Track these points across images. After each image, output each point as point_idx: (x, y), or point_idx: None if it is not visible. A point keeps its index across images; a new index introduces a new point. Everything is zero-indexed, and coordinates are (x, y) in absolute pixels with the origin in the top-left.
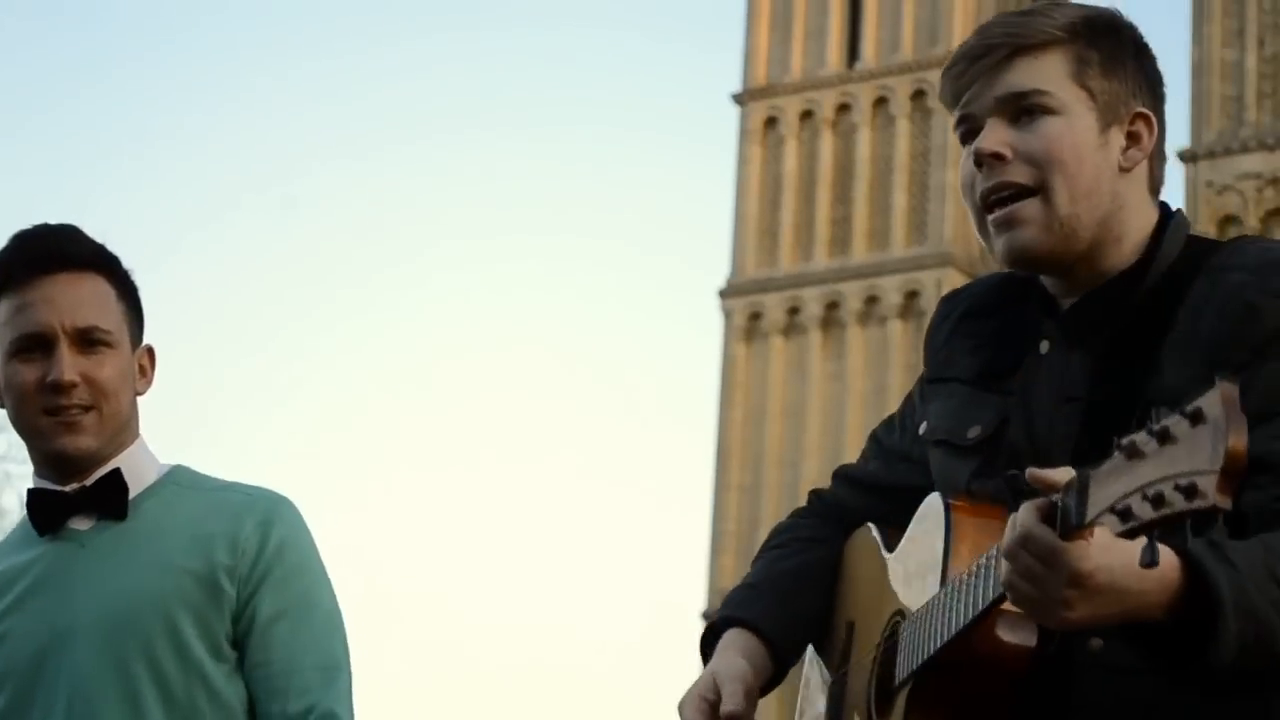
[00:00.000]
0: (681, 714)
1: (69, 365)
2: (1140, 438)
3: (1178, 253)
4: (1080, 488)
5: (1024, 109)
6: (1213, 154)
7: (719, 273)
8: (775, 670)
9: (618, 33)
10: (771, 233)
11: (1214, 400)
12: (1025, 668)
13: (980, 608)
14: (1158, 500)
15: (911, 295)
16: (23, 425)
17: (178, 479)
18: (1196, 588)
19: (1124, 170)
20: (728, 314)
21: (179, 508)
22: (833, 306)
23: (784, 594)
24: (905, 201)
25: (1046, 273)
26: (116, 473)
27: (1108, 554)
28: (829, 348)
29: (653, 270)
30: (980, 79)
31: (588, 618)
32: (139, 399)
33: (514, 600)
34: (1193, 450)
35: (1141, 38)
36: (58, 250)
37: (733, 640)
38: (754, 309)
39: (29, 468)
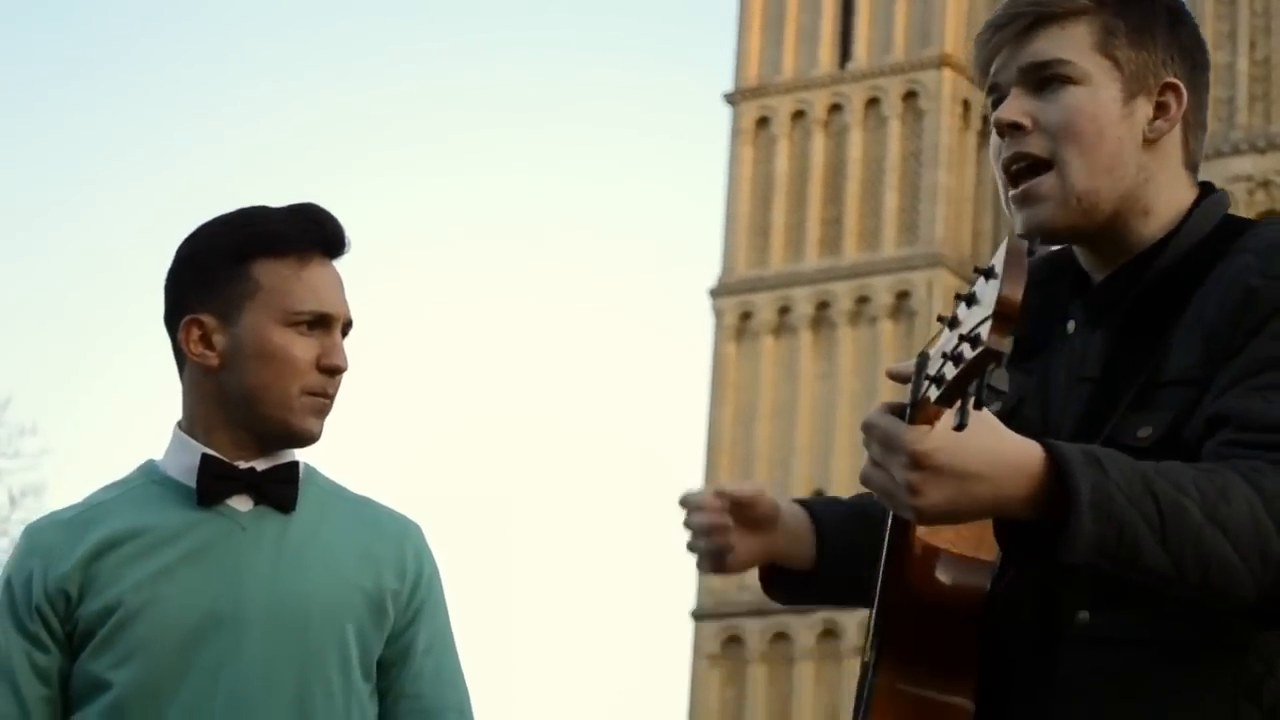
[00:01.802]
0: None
1: (344, 354)
2: (959, 306)
3: (1208, 231)
4: (918, 368)
5: (1046, 79)
6: (1204, 156)
7: (710, 272)
8: (811, 566)
9: (610, 33)
10: (762, 232)
11: (1000, 253)
12: (980, 612)
13: (886, 534)
14: (958, 358)
15: (902, 295)
16: (271, 394)
17: (314, 479)
18: (1056, 482)
19: (1149, 142)
20: (718, 313)
21: (333, 515)
22: (823, 306)
23: (854, 516)
24: (896, 202)
25: (1070, 243)
26: (295, 466)
27: (953, 437)
28: (819, 347)
29: (644, 269)
30: (1006, 48)
31: (579, 618)
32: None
33: (508, 598)
34: (983, 304)
35: (1179, 5)
36: (342, 240)
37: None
38: (745, 308)
39: (18, 462)
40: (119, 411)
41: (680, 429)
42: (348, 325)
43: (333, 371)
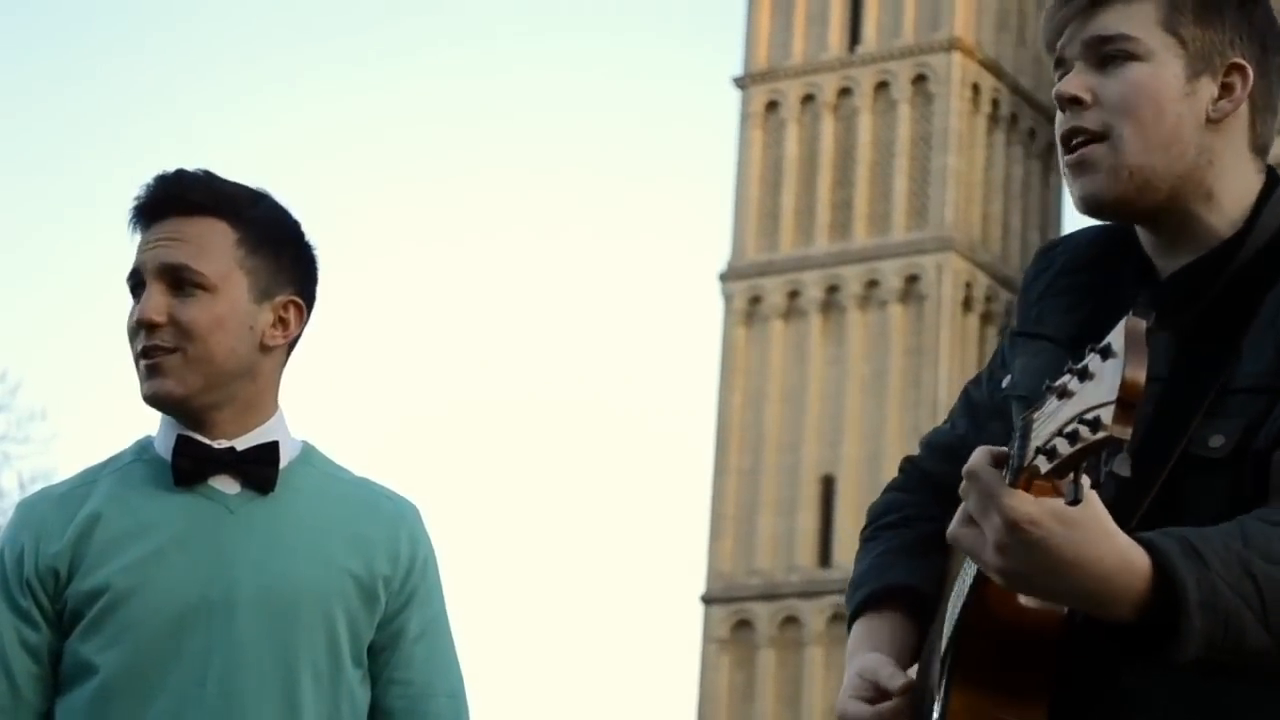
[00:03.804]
0: (844, 717)
1: (153, 305)
2: (1068, 378)
3: (1277, 226)
4: (1024, 431)
5: (1110, 54)
6: None
7: (719, 256)
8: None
9: (619, 16)
10: (772, 216)
11: (1119, 333)
12: (1058, 634)
13: (972, 575)
14: (1073, 436)
15: (912, 279)
16: (135, 368)
17: (312, 460)
18: (1162, 585)
19: (1213, 122)
20: (728, 297)
21: (326, 496)
22: (833, 290)
23: (920, 555)
24: (906, 186)
25: (1124, 221)
26: (274, 446)
27: (1055, 519)
28: (829, 332)
29: (653, 253)
30: (1073, 22)
31: (588, 602)
32: (276, 353)
33: (517, 583)
34: (1100, 384)
35: None
36: (165, 195)
37: (860, 635)
38: (754, 292)
39: (28, 447)
40: (129, 396)
41: (690, 413)
42: (173, 273)
43: (139, 326)
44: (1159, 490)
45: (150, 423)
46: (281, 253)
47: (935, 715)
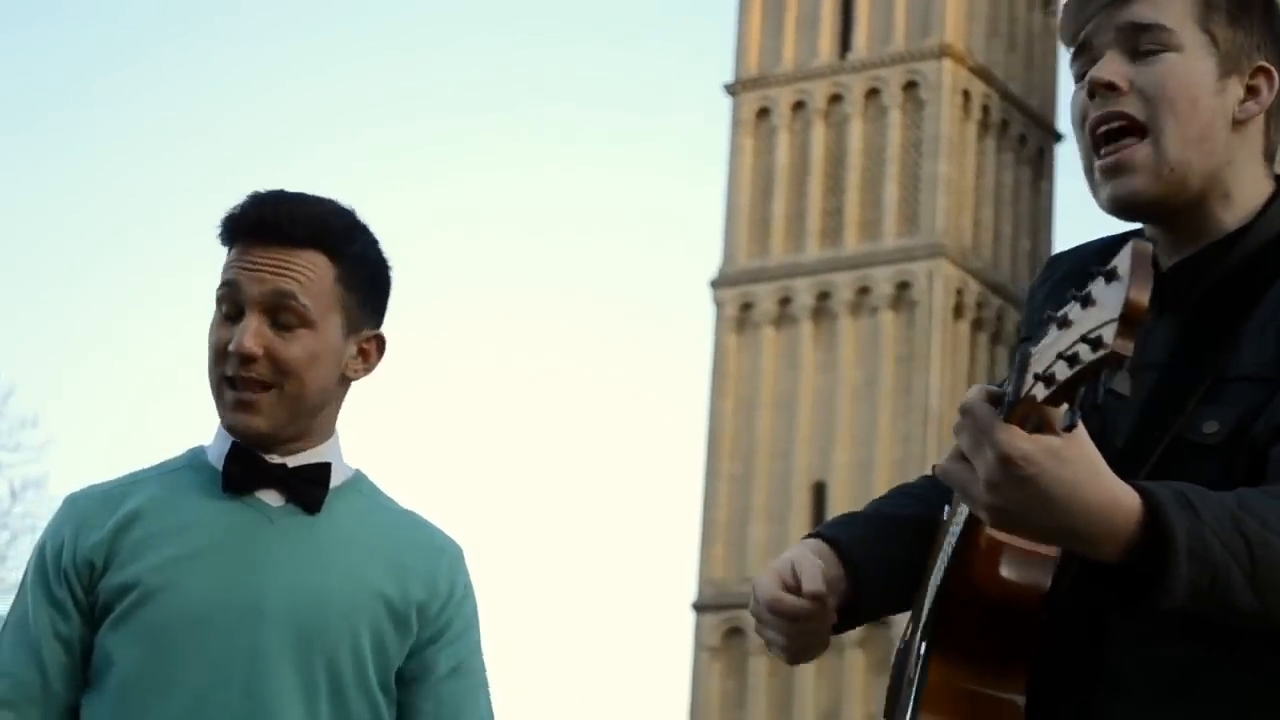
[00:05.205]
0: (756, 590)
1: (253, 336)
2: (1070, 306)
3: None
4: (1021, 364)
5: (1143, 44)
6: None
7: (711, 263)
8: (852, 598)
9: (611, 23)
10: (763, 223)
11: (1125, 256)
12: (1040, 610)
13: (956, 534)
14: (1073, 359)
15: (903, 286)
16: (210, 382)
17: (361, 488)
18: (1152, 529)
19: (1238, 123)
20: (719, 304)
21: (369, 522)
22: (824, 297)
23: (878, 530)
24: (897, 192)
25: (1151, 222)
26: (325, 467)
27: (1048, 455)
28: (820, 338)
29: (644, 260)
30: (1103, 10)
31: (580, 610)
32: (353, 384)
33: (509, 590)
34: (1103, 308)
35: None
36: (274, 222)
37: (809, 544)
38: (745, 299)
39: (19, 455)
40: (122, 404)
41: (681, 420)
42: (276, 307)
43: (237, 357)
44: (1150, 473)
45: (141, 431)
46: (373, 287)
47: (914, 686)
